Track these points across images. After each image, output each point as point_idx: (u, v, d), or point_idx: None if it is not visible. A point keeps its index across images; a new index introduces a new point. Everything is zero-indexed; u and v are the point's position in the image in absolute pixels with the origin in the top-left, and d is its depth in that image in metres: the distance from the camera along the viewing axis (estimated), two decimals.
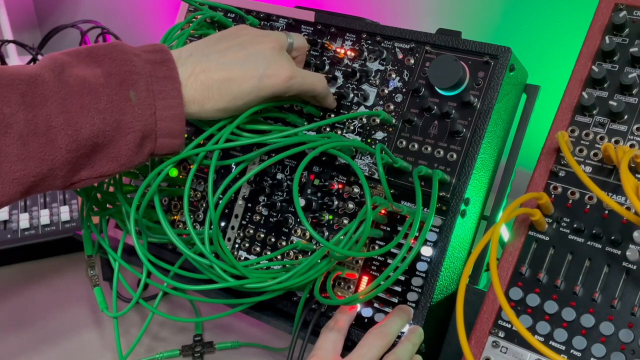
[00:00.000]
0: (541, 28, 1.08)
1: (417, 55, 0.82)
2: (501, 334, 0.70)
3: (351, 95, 0.85)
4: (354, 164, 0.72)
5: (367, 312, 0.78)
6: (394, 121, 0.81)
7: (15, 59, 1.56)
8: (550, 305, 0.68)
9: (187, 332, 0.97)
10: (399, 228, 0.78)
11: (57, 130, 0.61)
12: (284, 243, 0.85)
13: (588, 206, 0.70)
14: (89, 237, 0.89)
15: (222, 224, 0.89)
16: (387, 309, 0.77)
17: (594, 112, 0.73)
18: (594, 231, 0.68)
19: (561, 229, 0.71)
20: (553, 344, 0.67)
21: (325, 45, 0.87)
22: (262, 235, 0.87)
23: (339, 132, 0.84)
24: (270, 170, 0.87)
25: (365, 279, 0.79)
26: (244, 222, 0.88)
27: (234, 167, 0.89)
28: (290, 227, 0.85)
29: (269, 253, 0.85)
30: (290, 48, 0.81)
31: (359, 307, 0.78)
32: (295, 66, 0.75)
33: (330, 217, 0.82)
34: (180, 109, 0.67)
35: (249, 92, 0.71)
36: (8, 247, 1.10)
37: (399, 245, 0.77)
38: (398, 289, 0.77)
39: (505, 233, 0.79)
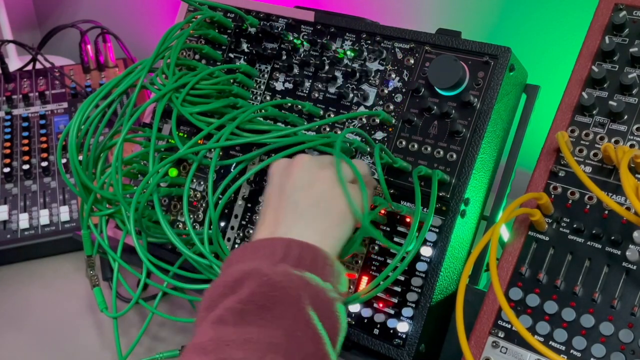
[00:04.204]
0: (541, 28, 1.08)
1: (417, 55, 0.82)
2: (501, 334, 0.70)
3: (351, 95, 0.84)
4: (352, 164, 0.72)
5: (367, 313, 0.78)
6: (393, 121, 0.81)
7: (15, 59, 1.56)
8: (550, 306, 0.68)
9: (187, 332, 0.97)
10: (399, 228, 0.78)
11: None
12: None
13: (588, 206, 0.70)
14: (89, 237, 0.89)
15: (222, 224, 0.89)
16: (387, 310, 0.77)
17: (594, 112, 0.73)
18: (593, 231, 0.68)
19: (561, 229, 0.71)
20: (553, 344, 0.67)
21: (325, 45, 0.87)
22: None
23: (339, 132, 0.84)
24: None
25: (365, 279, 0.79)
26: (243, 222, 0.88)
27: (234, 167, 0.89)
28: None
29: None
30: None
31: (358, 307, 0.78)
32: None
33: None
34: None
35: None
36: (8, 247, 1.10)
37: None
38: (398, 289, 0.77)
39: (505, 233, 0.79)
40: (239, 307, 0.58)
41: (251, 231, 0.87)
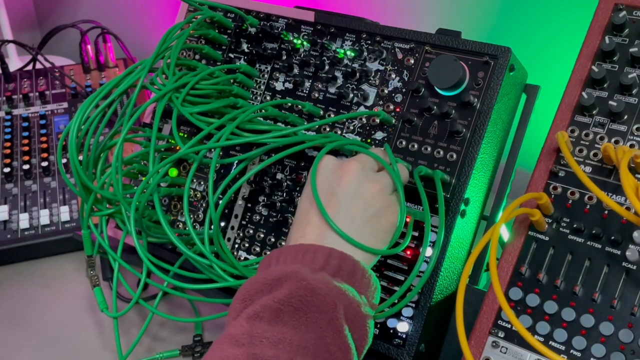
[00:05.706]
0: (541, 28, 1.08)
1: (417, 55, 0.82)
2: (501, 334, 0.70)
3: (351, 95, 0.85)
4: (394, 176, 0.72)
5: None
6: (393, 121, 0.81)
7: (15, 59, 1.56)
8: (550, 306, 0.68)
9: (187, 332, 0.97)
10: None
11: None
12: (283, 243, 0.85)
13: (588, 206, 0.70)
14: (89, 237, 0.89)
15: (222, 224, 0.89)
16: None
17: (594, 112, 0.73)
18: (593, 231, 0.68)
19: (561, 229, 0.71)
20: (553, 344, 0.67)
21: (325, 45, 0.87)
22: (262, 235, 0.87)
23: (339, 132, 0.84)
24: (270, 170, 0.87)
25: None
26: (243, 222, 0.88)
27: (234, 166, 0.89)
28: (290, 227, 0.85)
29: (268, 253, 0.85)
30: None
31: None
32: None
33: None
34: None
35: None
36: (8, 247, 1.10)
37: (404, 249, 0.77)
38: (397, 289, 0.77)
39: (505, 233, 0.79)
40: (276, 306, 0.59)
41: (251, 231, 0.87)
